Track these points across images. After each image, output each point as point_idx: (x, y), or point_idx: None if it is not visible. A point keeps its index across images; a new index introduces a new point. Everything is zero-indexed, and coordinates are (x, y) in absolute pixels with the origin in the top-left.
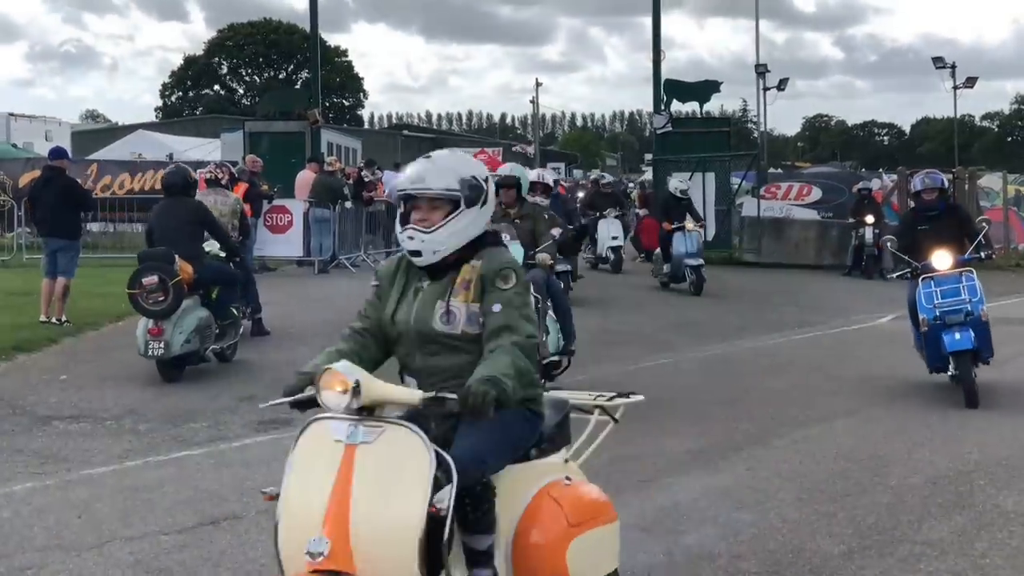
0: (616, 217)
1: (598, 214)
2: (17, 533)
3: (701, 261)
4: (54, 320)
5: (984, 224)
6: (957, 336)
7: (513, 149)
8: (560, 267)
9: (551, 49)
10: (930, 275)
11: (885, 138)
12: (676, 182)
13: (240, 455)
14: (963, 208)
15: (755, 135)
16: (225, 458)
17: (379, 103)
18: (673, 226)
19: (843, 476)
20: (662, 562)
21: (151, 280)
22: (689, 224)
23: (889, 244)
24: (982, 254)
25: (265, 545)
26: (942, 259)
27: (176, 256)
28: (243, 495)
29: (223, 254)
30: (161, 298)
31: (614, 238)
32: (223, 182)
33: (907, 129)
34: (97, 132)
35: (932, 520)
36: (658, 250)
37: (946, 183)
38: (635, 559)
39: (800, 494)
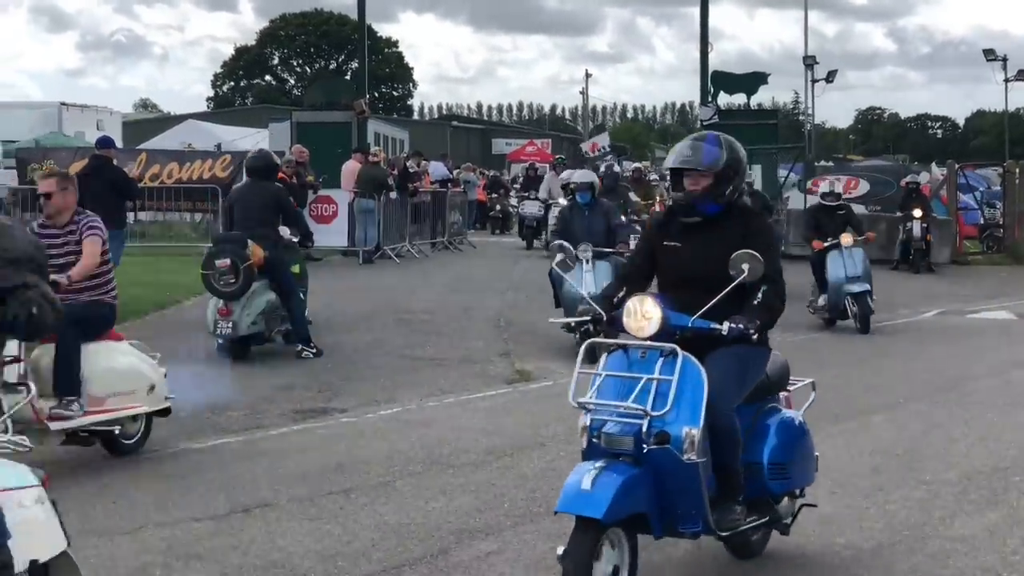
0: None
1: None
2: None
3: (867, 287)
4: None
5: None
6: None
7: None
8: None
9: (599, 40)
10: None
11: (939, 131)
12: (826, 185)
13: (276, 444)
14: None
15: (807, 128)
16: (260, 446)
17: (429, 93)
18: (826, 243)
19: (877, 471)
20: (692, 554)
21: (224, 263)
22: (846, 238)
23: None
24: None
25: (295, 534)
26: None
27: (249, 240)
28: (276, 484)
29: (295, 239)
30: (232, 280)
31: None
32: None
33: (960, 122)
34: (148, 121)
35: (964, 516)
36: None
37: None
38: (670, 550)
39: (833, 488)
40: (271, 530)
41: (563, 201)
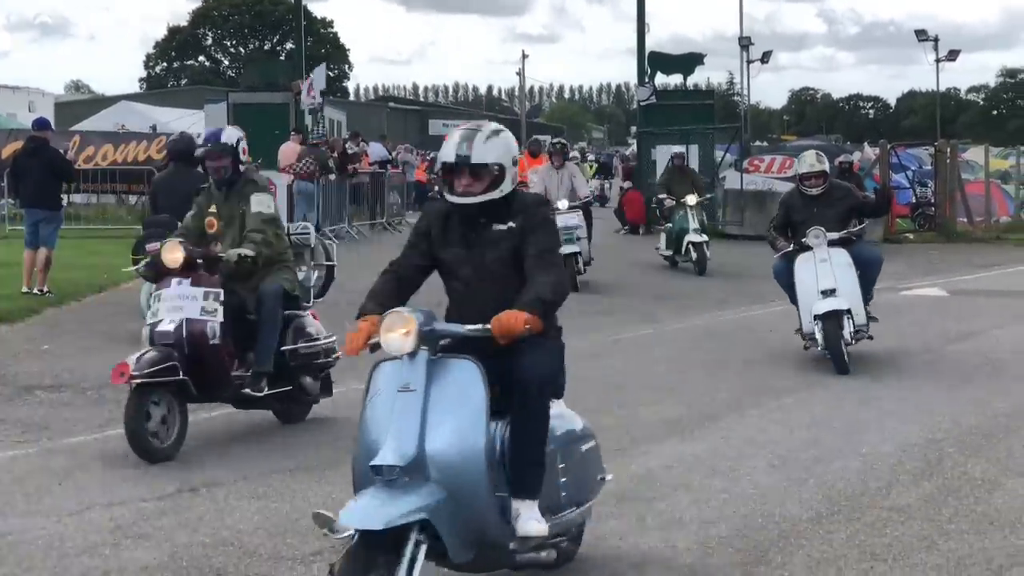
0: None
1: None
2: None
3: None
4: (36, 291)
5: None
6: None
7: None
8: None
9: (531, 20)
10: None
11: (871, 111)
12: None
13: (221, 424)
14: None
15: (742, 108)
16: (206, 427)
17: (365, 75)
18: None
19: (815, 444)
20: (634, 527)
21: (154, 247)
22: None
23: None
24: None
25: (243, 512)
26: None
27: (179, 223)
28: (223, 462)
29: None
30: None
31: None
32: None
33: (892, 103)
34: (81, 103)
35: (900, 487)
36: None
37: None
38: (607, 525)
39: (773, 461)
40: (220, 508)
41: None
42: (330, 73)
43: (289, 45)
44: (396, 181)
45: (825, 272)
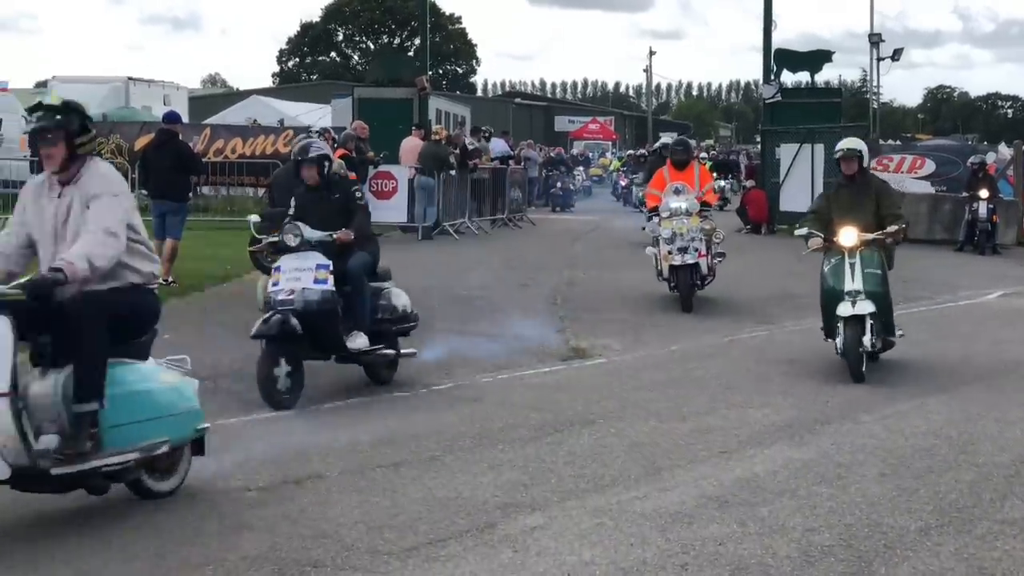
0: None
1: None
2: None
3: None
4: (161, 280)
5: None
6: None
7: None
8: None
9: (656, 16)
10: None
11: (1009, 111)
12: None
13: (329, 417)
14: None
15: (874, 106)
16: (312, 420)
17: (493, 70)
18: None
19: (929, 453)
20: (735, 533)
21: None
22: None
23: None
24: None
25: (344, 505)
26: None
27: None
28: (327, 456)
29: None
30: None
31: None
32: None
33: None
34: (214, 97)
35: (1015, 499)
36: None
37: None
38: (707, 529)
39: (883, 469)
40: (322, 500)
41: None
42: (457, 69)
43: (418, 41)
44: (517, 177)
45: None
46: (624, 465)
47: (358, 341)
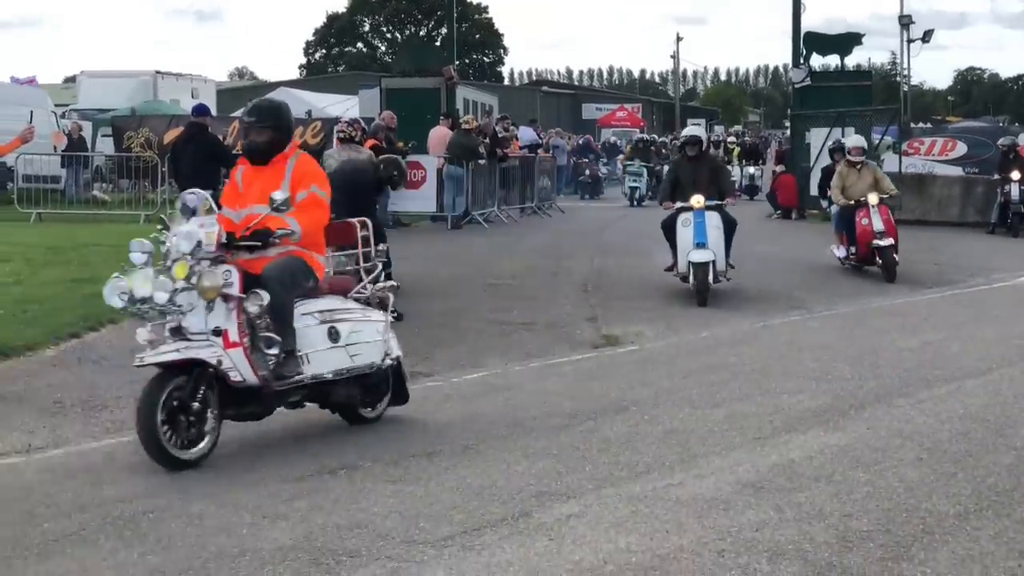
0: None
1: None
2: (142, 478)
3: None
4: None
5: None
6: None
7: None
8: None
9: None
10: None
11: None
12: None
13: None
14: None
15: (904, 89)
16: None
17: (519, 59)
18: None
19: (967, 437)
20: (771, 519)
21: None
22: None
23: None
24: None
25: (378, 495)
26: None
27: None
28: (360, 446)
29: None
30: None
31: None
32: (356, 139)
33: None
34: (242, 89)
35: None
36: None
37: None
38: (744, 516)
39: (920, 454)
40: (355, 491)
41: None
42: (484, 59)
43: (444, 31)
44: (546, 165)
45: None
46: (659, 452)
47: None
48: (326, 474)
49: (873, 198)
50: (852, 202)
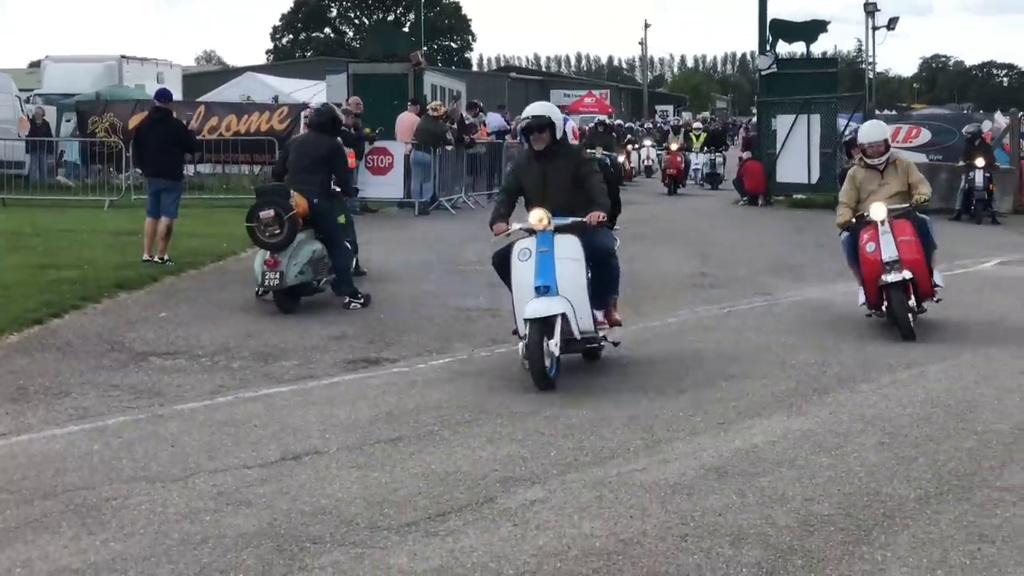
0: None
1: None
2: (105, 465)
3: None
4: (156, 259)
5: None
6: None
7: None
8: None
9: None
10: None
11: (1005, 79)
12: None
13: (327, 393)
14: None
15: (870, 76)
16: (312, 395)
17: (487, 45)
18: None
19: (928, 421)
20: (734, 503)
21: (268, 214)
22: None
23: None
24: None
25: (343, 481)
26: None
27: (291, 191)
28: (325, 432)
29: (337, 189)
30: (277, 231)
31: None
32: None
33: None
34: (208, 74)
35: (1015, 466)
36: None
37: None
38: (707, 500)
39: (882, 438)
40: (320, 477)
41: None
42: (452, 44)
43: (412, 16)
44: (514, 151)
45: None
46: (623, 437)
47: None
48: (290, 460)
49: (878, 211)
50: (853, 219)
